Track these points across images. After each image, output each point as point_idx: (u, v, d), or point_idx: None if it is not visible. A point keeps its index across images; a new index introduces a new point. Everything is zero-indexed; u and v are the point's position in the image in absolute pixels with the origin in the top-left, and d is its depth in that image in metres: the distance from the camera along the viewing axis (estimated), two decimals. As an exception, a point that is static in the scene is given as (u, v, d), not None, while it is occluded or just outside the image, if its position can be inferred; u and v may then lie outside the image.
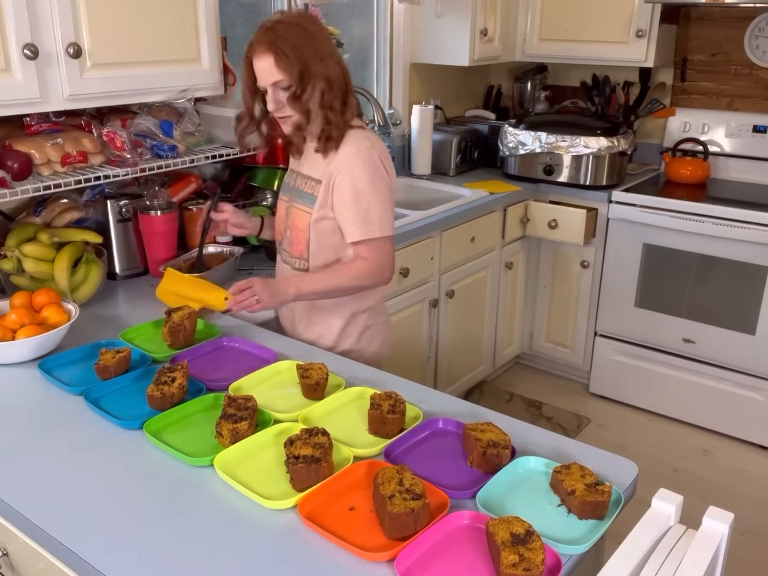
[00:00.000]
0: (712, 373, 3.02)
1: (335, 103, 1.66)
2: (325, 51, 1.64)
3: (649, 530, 0.98)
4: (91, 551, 1.04)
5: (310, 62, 1.60)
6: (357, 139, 1.69)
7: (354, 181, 1.67)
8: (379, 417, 1.30)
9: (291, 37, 1.59)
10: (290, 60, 1.58)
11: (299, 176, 1.81)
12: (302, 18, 1.67)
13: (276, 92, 1.63)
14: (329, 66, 1.63)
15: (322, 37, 1.66)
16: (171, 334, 1.62)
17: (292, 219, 1.80)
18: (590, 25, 3.23)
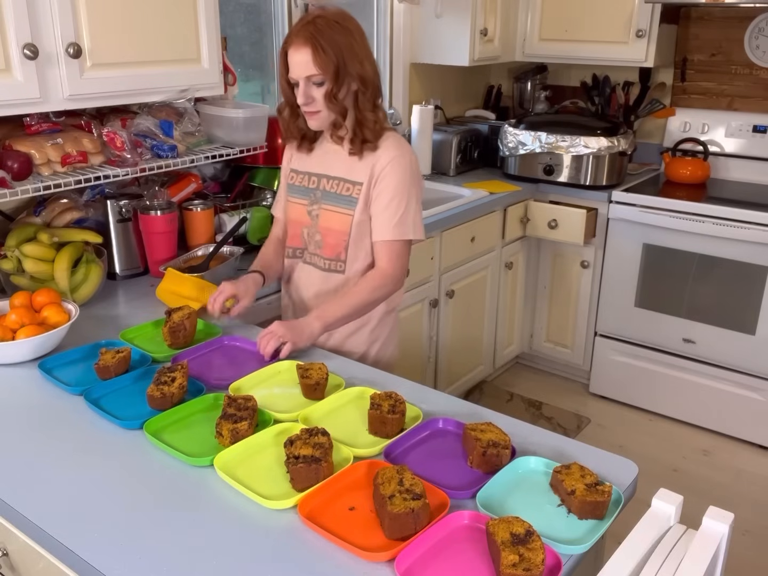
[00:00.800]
0: (712, 373, 3.02)
1: (368, 105, 1.67)
2: (362, 51, 1.64)
3: (649, 530, 0.98)
4: (91, 551, 1.04)
5: (347, 61, 1.60)
6: (397, 141, 1.72)
7: (396, 182, 1.69)
8: (379, 417, 1.30)
9: (330, 33, 1.58)
10: (328, 56, 1.58)
11: (326, 178, 1.77)
12: (342, 16, 1.65)
13: (308, 86, 1.62)
14: (365, 67, 1.64)
15: (360, 37, 1.65)
16: (171, 334, 1.61)
17: (324, 222, 1.77)
18: (590, 25, 3.23)
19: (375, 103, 1.69)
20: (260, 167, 2.48)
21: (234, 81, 2.34)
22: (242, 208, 2.40)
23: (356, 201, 1.72)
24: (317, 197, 1.79)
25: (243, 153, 2.24)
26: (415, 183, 1.73)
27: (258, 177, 2.49)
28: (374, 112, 1.69)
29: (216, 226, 2.30)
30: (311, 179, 1.81)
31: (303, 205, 1.82)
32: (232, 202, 2.44)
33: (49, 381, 1.50)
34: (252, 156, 2.33)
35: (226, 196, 2.50)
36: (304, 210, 1.81)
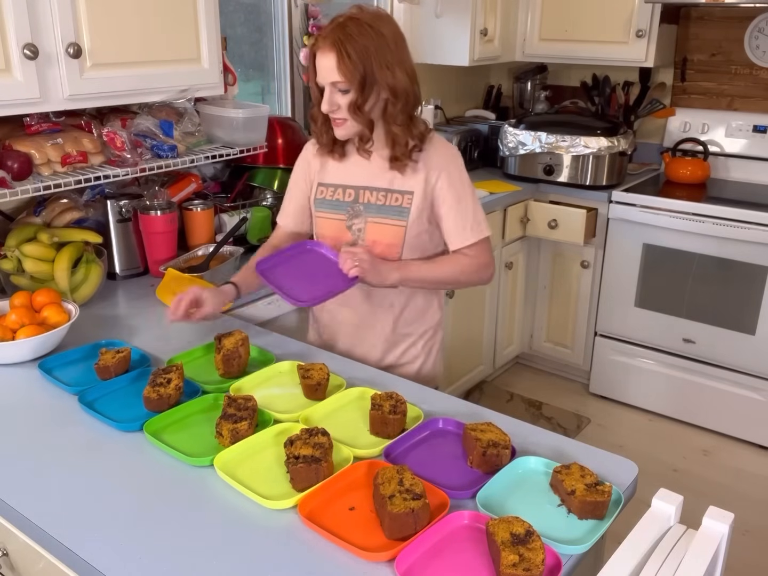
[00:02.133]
0: (712, 373, 3.02)
1: (400, 117, 1.57)
2: (394, 58, 1.53)
3: (649, 530, 0.98)
4: (91, 551, 1.04)
5: (375, 68, 1.50)
6: (442, 144, 1.66)
7: (458, 187, 1.64)
8: (380, 417, 1.30)
9: (360, 39, 1.49)
10: (354, 63, 1.48)
11: (365, 190, 1.67)
12: (378, 18, 1.54)
13: (333, 93, 1.53)
14: (396, 75, 1.53)
15: (395, 41, 1.54)
16: (225, 362, 1.49)
17: (371, 235, 1.66)
18: (590, 25, 3.23)
19: (409, 115, 1.58)
20: (260, 167, 2.48)
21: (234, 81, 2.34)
22: (242, 208, 2.40)
23: (408, 210, 1.63)
24: (358, 211, 1.67)
25: (243, 153, 2.24)
26: (469, 180, 1.68)
27: (258, 177, 2.49)
28: (407, 126, 1.58)
29: (216, 226, 2.30)
30: (347, 192, 1.69)
31: (340, 220, 1.69)
32: (232, 202, 2.44)
33: (49, 381, 1.50)
34: (252, 156, 2.33)
35: (226, 196, 2.50)
36: (342, 225, 1.69)
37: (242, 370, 1.53)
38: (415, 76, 1.59)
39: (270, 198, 2.46)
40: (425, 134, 1.63)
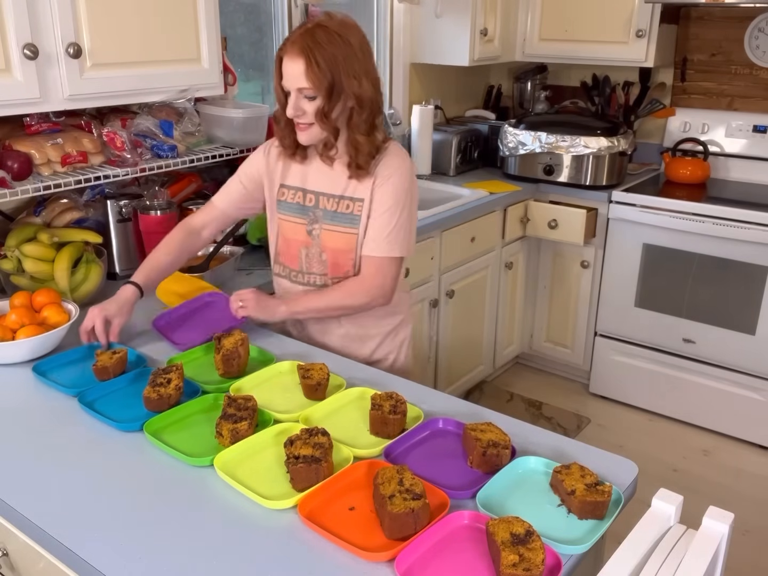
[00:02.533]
0: (712, 373, 3.02)
1: (363, 126, 1.58)
2: (361, 68, 1.54)
3: (649, 530, 0.98)
4: (91, 551, 1.04)
5: (343, 77, 1.52)
6: (396, 155, 1.65)
7: (391, 197, 1.63)
8: (380, 417, 1.30)
9: (328, 46, 1.50)
10: (322, 71, 1.49)
11: (324, 196, 1.69)
12: (346, 27, 1.55)
13: (299, 98, 1.54)
14: (362, 84, 1.55)
15: (363, 51, 1.56)
16: (224, 362, 1.50)
17: (327, 242, 1.69)
18: (590, 25, 3.23)
19: (372, 124, 1.60)
20: (260, 167, 2.47)
21: (234, 81, 2.34)
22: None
23: (359, 218, 1.66)
24: (318, 216, 1.70)
25: (243, 153, 2.24)
26: (410, 197, 1.66)
27: (258, 177, 2.48)
28: (369, 135, 1.60)
29: (216, 226, 2.29)
30: (308, 197, 1.71)
31: (301, 224, 1.72)
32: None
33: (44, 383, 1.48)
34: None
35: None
36: (303, 229, 1.72)
37: (242, 370, 1.53)
38: (379, 84, 1.61)
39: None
40: (383, 143, 1.65)
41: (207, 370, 1.55)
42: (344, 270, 1.71)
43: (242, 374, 1.52)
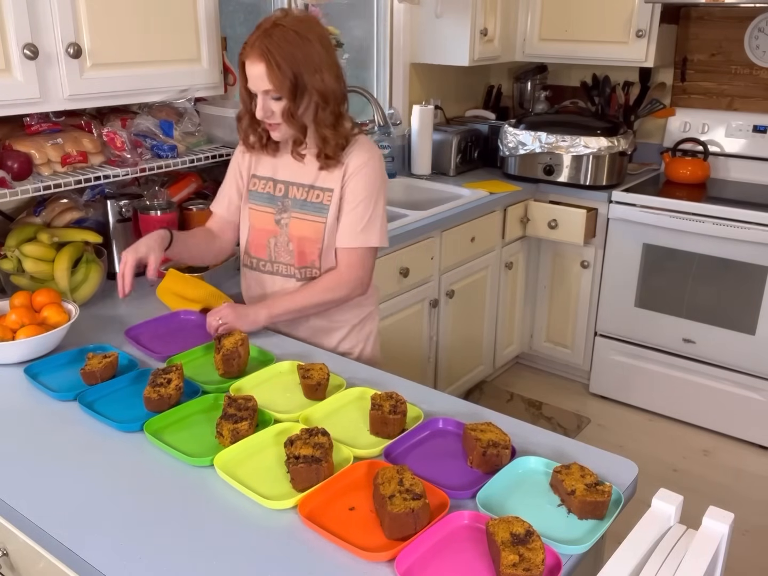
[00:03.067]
0: (712, 373, 3.02)
1: (329, 119, 1.62)
2: (321, 62, 1.56)
3: (649, 530, 0.98)
4: (91, 551, 1.04)
5: (305, 74, 1.54)
6: (365, 147, 1.69)
7: (365, 189, 1.67)
8: (380, 417, 1.30)
9: (286, 46, 1.52)
10: (282, 71, 1.52)
11: (294, 186, 1.73)
12: (302, 23, 1.57)
13: (266, 100, 1.58)
14: (324, 78, 1.57)
15: (321, 44, 1.58)
16: (224, 362, 1.49)
17: (294, 230, 1.73)
18: (590, 25, 3.23)
19: (338, 115, 1.63)
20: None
21: (234, 81, 2.34)
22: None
23: (327, 208, 1.69)
24: (287, 206, 1.73)
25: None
26: (382, 189, 1.70)
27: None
28: (335, 128, 1.63)
29: (216, 226, 2.29)
30: (277, 187, 1.75)
31: (269, 213, 1.75)
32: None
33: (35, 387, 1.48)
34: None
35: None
36: (272, 218, 1.75)
37: (242, 370, 1.53)
38: (342, 75, 1.64)
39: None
40: (351, 133, 1.68)
41: (207, 370, 1.55)
42: (310, 260, 1.74)
43: (242, 374, 1.52)
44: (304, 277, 1.76)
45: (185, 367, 1.50)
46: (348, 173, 1.67)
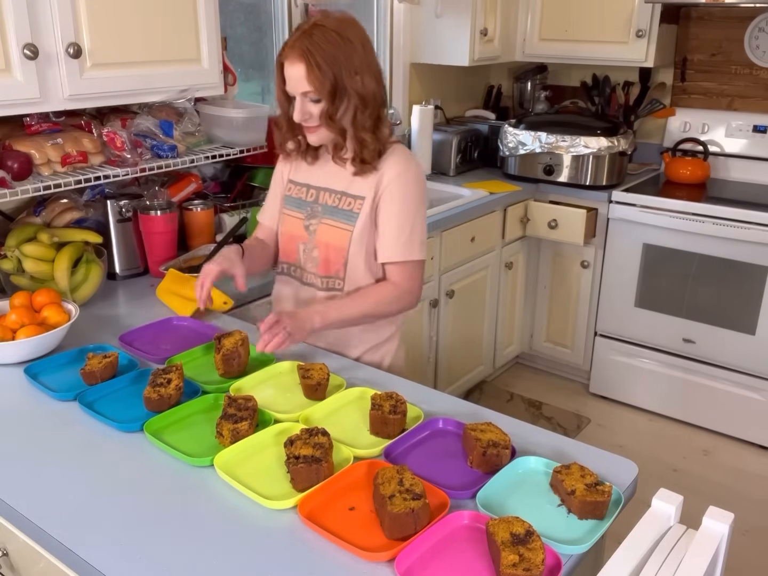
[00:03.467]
0: (712, 373, 3.02)
1: (368, 123, 1.57)
2: (362, 63, 1.52)
3: (649, 530, 0.98)
4: (91, 551, 1.04)
5: (345, 76, 1.50)
6: (403, 155, 1.64)
7: (404, 200, 1.61)
8: (380, 417, 1.30)
9: (327, 47, 1.48)
10: (323, 72, 1.48)
11: (325, 191, 1.69)
12: (344, 24, 1.53)
13: (304, 102, 1.53)
14: (365, 81, 1.53)
15: (362, 46, 1.53)
16: (224, 362, 1.49)
17: (321, 237, 1.68)
18: (590, 25, 3.23)
19: (377, 119, 1.58)
20: (260, 167, 2.48)
21: (234, 81, 2.34)
22: (242, 208, 2.40)
23: (357, 216, 1.63)
24: (316, 211, 1.69)
25: (243, 153, 2.24)
26: (422, 199, 1.64)
27: (258, 177, 2.49)
28: (374, 132, 1.58)
29: (216, 226, 2.30)
30: (309, 192, 1.72)
31: (299, 219, 1.72)
32: (232, 202, 2.44)
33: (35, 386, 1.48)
34: (252, 156, 2.33)
35: (226, 196, 2.50)
36: (301, 224, 1.71)
37: (242, 370, 1.53)
38: (381, 77, 1.59)
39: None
40: (389, 139, 1.63)
41: (207, 370, 1.55)
42: (334, 270, 1.68)
43: (242, 374, 1.52)
44: (326, 288, 1.70)
45: (185, 367, 1.49)
46: (384, 182, 1.61)
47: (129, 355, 1.58)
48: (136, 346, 1.64)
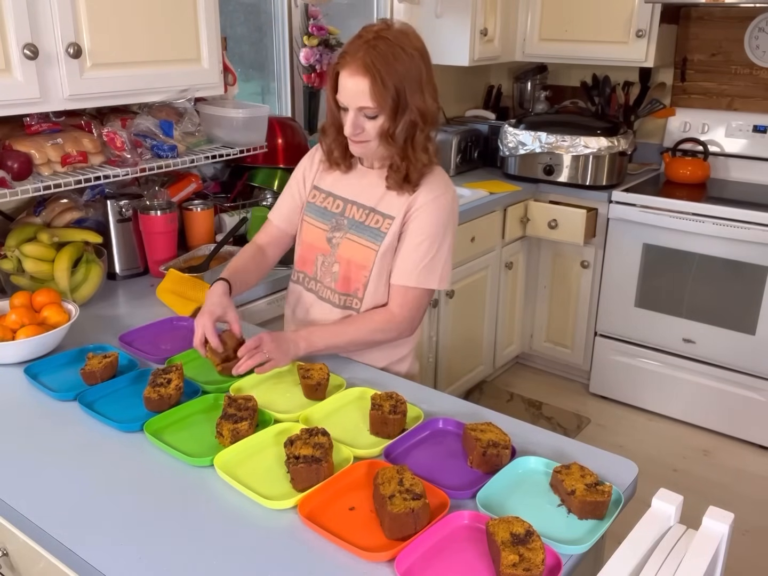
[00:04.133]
0: (712, 373, 3.02)
1: (421, 140, 1.50)
2: (422, 79, 1.45)
3: (649, 530, 0.98)
4: (91, 551, 1.04)
5: (408, 94, 1.43)
6: (443, 180, 1.58)
7: (432, 225, 1.54)
8: (380, 417, 1.30)
9: (393, 62, 1.40)
10: (387, 90, 1.40)
11: (353, 205, 1.61)
12: (407, 37, 1.45)
13: (358, 117, 1.46)
14: (425, 99, 1.46)
15: (423, 61, 1.46)
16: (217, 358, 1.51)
17: (343, 252, 1.61)
18: (590, 25, 3.23)
19: (429, 138, 1.52)
20: (260, 167, 2.48)
21: (234, 81, 2.34)
22: (242, 208, 2.40)
23: (384, 235, 1.56)
24: (341, 225, 1.62)
25: (243, 153, 2.23)
26: (451, 227, 1.57)
27: (258, 177, 2.49)
28: (426, 150, 1.52)
29: (216, 226, 2.30)
30: (336, 203, 1.64)
31: (322, 229, 1.64)
32: (232, 202, 2.44)
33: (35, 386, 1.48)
34: (252, 156, 2.33)
35: (226, 196, 2.50)
36: (323, 236, 1.63)
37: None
38: (437, 96, 1.52)
39: (270, 198, 2.45)
40: (433, 161, 1.57)
41: (207, 370, 1.54)
42: (354, 288, 1.61)
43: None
44: (342, 306, 1.63)
45: (185, 367, 1.49)
46: (416, 205, 1.54)
47: (129, 355, 1.58)
48: (136, 346, 1.64)
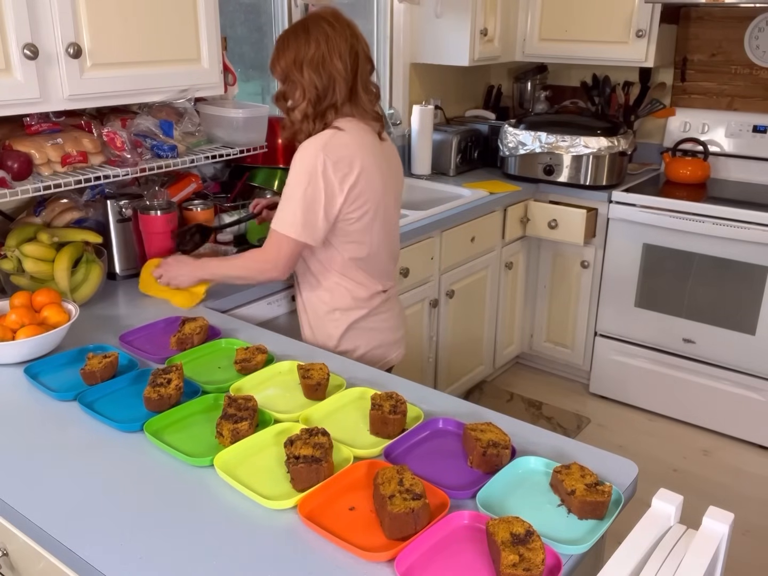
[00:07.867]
0: (712, 373, 3.02)
1: (309, 111, 1.70)
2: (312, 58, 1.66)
3: (649, 530, 0.98)
4: (91, 551, 1.04)
5: (290, 68, 1.68)
6: (315, 137, 1.70)
7: (291, 175, 1.70)
8: (380, 417, 1.30)
9: (288, 39, 1.68)
10: (278, 60, 1.70)
11: None
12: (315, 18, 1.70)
13: None
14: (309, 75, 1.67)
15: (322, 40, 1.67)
16: (178, 344, 1.60)
17: None
18: (590, 25, 3.23)
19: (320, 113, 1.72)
20: (260, 167, 2.48)
21: (234, 81, 2.34)
22: (242, 208, 2.40)
23: None
24: None
25: (243, 153, 2.23)
26: (311, 180, 1.66)
27: (258, 177, 2.49)
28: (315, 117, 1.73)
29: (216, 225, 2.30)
30: None
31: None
32: (232, 202, 2.44)
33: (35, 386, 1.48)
34: (252, 156, 2.33)
35: (226, 196, 2.50)
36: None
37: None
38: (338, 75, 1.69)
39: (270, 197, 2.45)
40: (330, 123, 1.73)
41: (207, 370, 1.55)
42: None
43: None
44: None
45: (185, 367, 1.50)
46: None
47: (129, 355, 1.58)
48: (136, 346, 1.64)
